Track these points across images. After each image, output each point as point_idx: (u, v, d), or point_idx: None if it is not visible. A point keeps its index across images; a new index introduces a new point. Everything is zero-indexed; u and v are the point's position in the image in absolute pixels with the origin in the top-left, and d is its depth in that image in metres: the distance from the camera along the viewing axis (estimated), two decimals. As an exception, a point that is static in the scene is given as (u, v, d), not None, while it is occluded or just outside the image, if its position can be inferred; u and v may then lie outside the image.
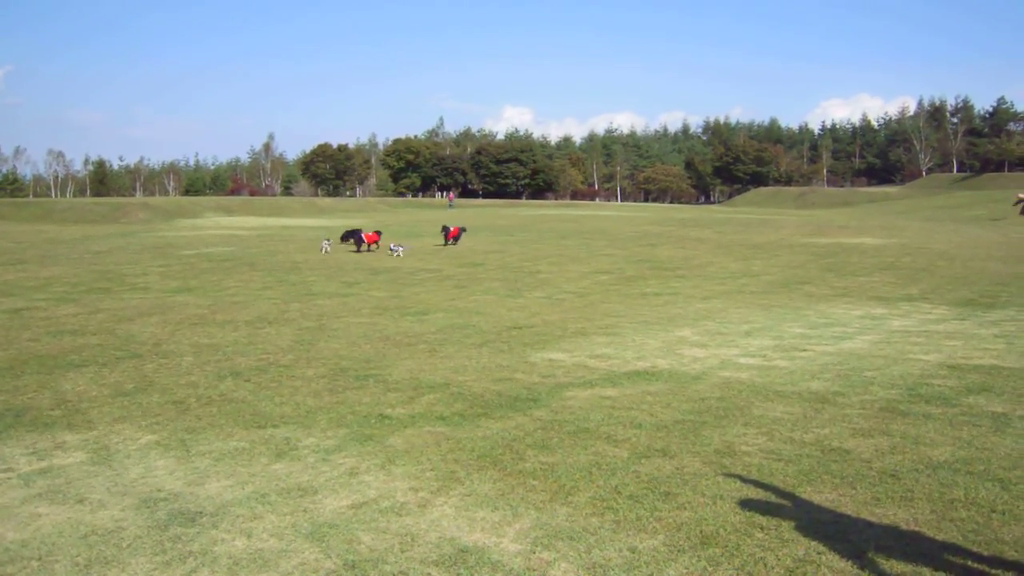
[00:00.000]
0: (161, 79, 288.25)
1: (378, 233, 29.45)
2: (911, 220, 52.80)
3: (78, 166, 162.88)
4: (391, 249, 26.93)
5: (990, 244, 30.96)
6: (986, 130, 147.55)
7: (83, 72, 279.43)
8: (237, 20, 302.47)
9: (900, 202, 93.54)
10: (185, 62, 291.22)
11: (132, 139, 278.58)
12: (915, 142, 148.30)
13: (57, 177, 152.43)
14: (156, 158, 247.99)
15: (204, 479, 6.07)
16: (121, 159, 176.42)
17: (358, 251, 28.13)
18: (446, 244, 29.51)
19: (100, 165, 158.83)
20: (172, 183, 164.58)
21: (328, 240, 28.61)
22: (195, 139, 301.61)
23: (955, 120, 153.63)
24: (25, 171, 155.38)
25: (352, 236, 30.76)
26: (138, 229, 44.49)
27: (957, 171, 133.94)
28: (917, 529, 4.90)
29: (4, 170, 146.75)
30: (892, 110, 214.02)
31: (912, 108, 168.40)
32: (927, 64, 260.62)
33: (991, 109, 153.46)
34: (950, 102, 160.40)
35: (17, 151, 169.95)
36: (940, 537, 4.78)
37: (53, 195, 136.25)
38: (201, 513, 5.38)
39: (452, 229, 29.97)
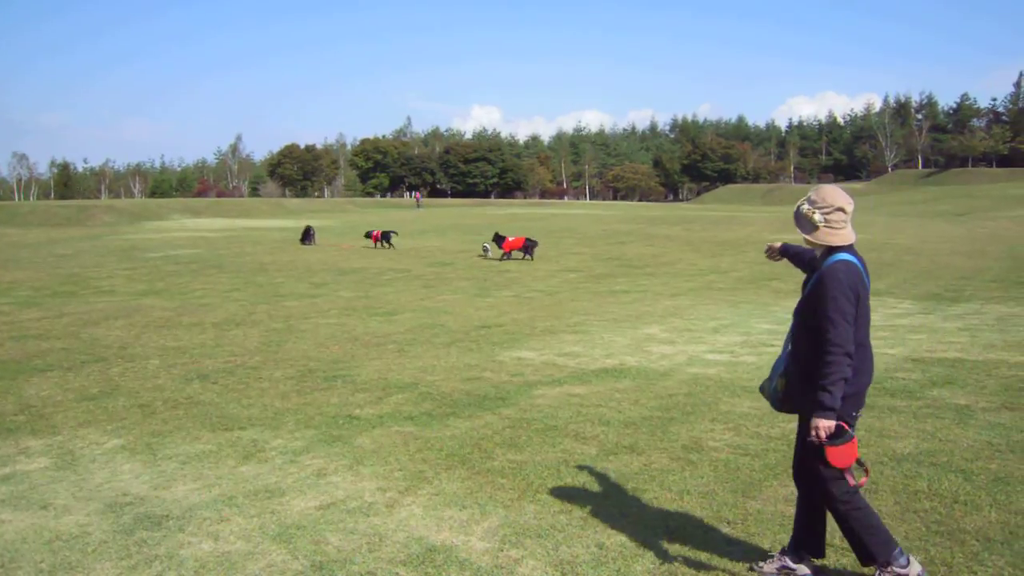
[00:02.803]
0: (127, 82, 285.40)
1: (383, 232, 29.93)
2: (877, 216, 53.39)
3: (42, 169, 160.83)
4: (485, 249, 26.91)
5: (955, 239, 31.40)
6: (950, 126, 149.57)
7: (49, 76, 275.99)
8: (203, 23, 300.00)
9: (866, 198, 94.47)
10: (151, 65, 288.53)
11: (97, 141, 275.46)
12: (880, 138, 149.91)
13: (21, 180, 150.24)
14: (122, 160, 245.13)
15: (170, 482, 6.02)
16: (86, 161, 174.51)
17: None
18: (375, 246, 29.42)
19: (64, 168, 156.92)
20: (138, 185, 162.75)
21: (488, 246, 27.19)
22: (161, 141, 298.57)
23: (920, 117, 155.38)
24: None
25: (308, 236, 31.03)
26: (103, 232, 43.99)
27: (922, 167, 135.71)
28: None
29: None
30: (857, 107, 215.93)
31: (877, 105, 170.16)
32: (892, 61, 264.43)
33: (955, 105, 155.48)
34: (915, 99, 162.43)
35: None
36: (903, 528, 4.84)
37: (16, 198, 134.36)
38: (167, 517, 5.34)
39: (374, 233, 29.89)
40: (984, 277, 19.20)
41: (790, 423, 7.09)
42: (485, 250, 27.09)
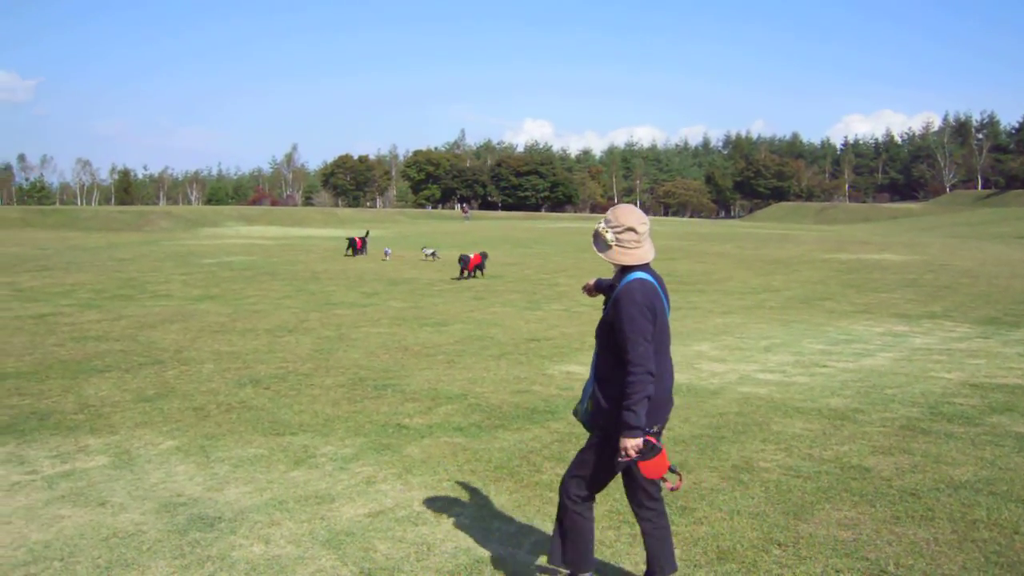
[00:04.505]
0: (185, 91, 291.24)
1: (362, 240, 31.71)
2: (934, 237, 52.47)
3: (104, 175, 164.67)
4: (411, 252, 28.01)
5: (1015, 262, 30.67)
6: (1012, 146, 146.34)
7: (110, 84, 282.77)
8: (260, 34, 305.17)
9: (923, 218, 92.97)
10: (209, 74, 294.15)
11: (157, 149, 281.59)
12: (939, 158, 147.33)
13: (83, 185, 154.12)
14: (180, 168, 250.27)
15: (223, 485, 6.11)
16: (145, 168, 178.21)
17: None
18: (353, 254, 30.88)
19: (125, 174, 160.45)
20: (195, 192, 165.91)
21: (432, 251, 29.09)
22: (218, 149, 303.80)
23: (980, 136, 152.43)
24: (52, 179, 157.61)
25: (357, 243, 31.43)
26: (161, 237, 44.88)
27: (982, 188, 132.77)
28: (937, 549, 4.87)
29: (32, 178, 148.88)
30: (916, 125, 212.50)
31: (936, 124, 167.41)
32: (951, 80, 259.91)
33: (1017, 125, 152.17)
34: (975, 117, 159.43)
35: (44, 160, 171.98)
36: (961, 558, 4.74)
37: (79, 203, 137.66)
38: (220, 518, 5.42)
39: (357, 240, 31.37)
40: (1046, 302, 18.72)
41: (843, 446, 7.00)
42: (426, 254, 28.71)
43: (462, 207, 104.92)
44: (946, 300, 19.03)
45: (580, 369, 10.47)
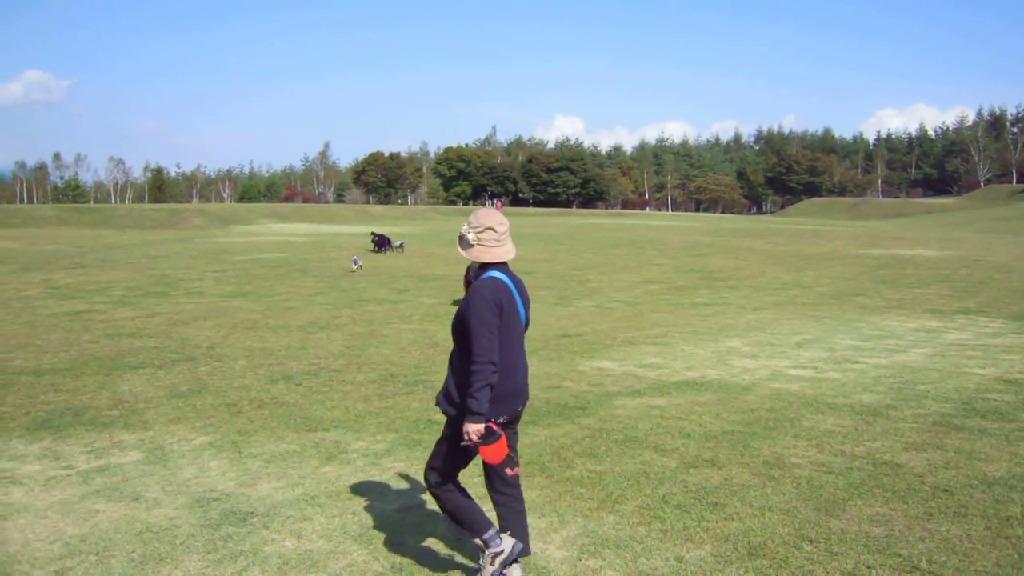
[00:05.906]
0: (218, 89, 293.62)
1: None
2: (968, 232, 51.76)
3: (137, 173, 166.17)
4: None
5: (1051, 257, 30.20)
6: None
7: (143, 83, 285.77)
8: (293, 32, 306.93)
9: (957, 213, 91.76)
10: (242, 73, 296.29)
11: (190, 147, 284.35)
12: (973, 152, 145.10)
13: (117, 184, 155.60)
14: (212, 166, 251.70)
15: (255, 480, 6.17)
16: (178, 166, 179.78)
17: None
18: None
19: (158, 172, 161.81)
20: (227, 190, 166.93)
21: (400, 243, 31.67)
22: (250, 147, 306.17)
23: (1015, 130, 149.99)
24: (87, 178, 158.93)
25: (384, 242, 31.47)
26: (194, 235, 45.30)
27: (1017, 182, 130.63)
28: (971, 546, 4.81)
29: (66, 177, 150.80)
30: (949, 120, 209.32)
31: (970, 118, 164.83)
32: (985, 74, 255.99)
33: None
34: (1010, 111, 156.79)
35: (78, 158, 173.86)
36: (994, 555, 4.69)
37: (113, 201, 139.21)
38: (252, 513, 5.48)
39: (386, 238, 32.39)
40: (1084, 297, 18.42)
41: (875, 442, 6.94)
42: (395, 246, 31.10)
43: (495, 203, 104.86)
44: (980, 296, 18.79)
45: (612, 365, 10.47)
